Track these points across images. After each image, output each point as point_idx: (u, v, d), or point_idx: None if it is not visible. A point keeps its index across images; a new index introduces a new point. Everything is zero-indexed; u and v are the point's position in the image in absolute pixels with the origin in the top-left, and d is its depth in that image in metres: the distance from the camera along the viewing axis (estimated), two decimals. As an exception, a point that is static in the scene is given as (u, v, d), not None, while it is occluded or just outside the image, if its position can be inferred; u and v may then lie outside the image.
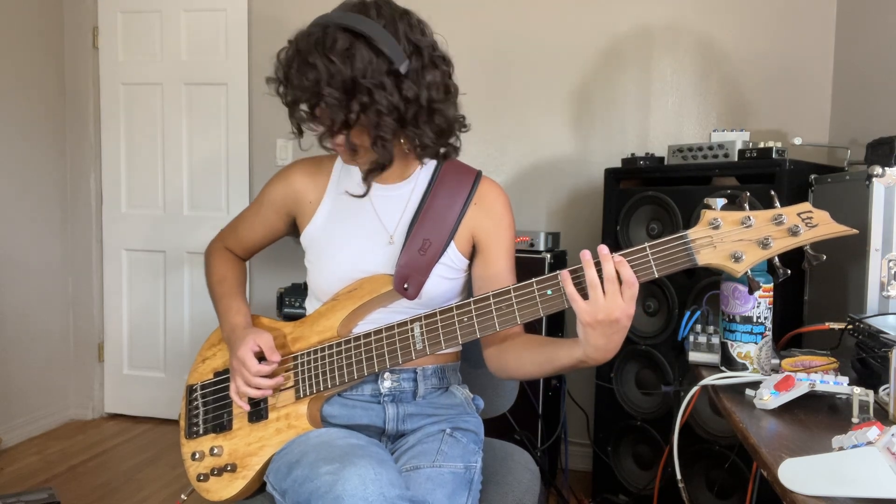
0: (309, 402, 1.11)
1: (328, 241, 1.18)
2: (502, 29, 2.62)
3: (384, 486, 0.88)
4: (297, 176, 1.23)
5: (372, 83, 0.99)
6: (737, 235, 0.89)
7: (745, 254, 0.88)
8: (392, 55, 0.99)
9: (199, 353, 1.28)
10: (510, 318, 0.99)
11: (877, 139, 1.54)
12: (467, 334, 1.01)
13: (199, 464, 1.15)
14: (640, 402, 2.10)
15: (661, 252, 0.91)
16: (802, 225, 0.86)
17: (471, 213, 1.17)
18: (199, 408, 1.21)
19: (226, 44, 2.87)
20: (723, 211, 0.90)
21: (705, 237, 0.90)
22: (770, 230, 0.88)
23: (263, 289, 2.91)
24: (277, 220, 1.27)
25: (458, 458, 1.08)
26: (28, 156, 2.79)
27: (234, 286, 1.27)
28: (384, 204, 1.18)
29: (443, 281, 1.15)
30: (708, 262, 0.90)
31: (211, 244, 1.36)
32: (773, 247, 0.87)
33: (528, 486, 1.19)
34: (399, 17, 1.03)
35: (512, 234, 1.20)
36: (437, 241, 1.13)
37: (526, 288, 0.98)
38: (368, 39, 0.99)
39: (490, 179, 1.21)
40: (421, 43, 1.04)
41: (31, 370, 2.83)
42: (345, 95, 0.99)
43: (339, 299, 1.14)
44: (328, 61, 0.97)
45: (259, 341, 1.11)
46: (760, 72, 2.42)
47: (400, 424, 1.15)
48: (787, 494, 0.69)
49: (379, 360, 1.07)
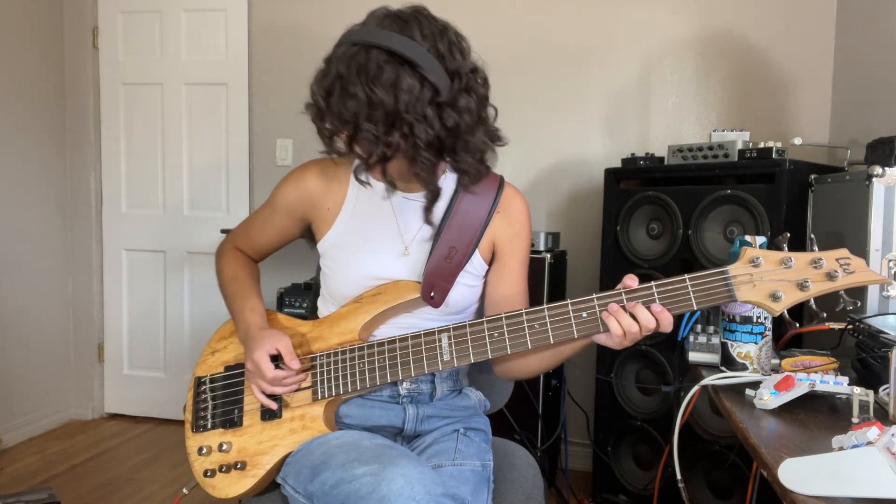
0: (325, 405, 1.10)
1: (349, 248, 1.16)
2: (502, 29, 2.62)
3: (429, 484, 0.88)
4: (313, 180, 1.18)
5: (414, 116, 0.95)
6: (777, 276, 0.91)
7: (784, 294, 0.90)
8: (438, 83, 0.95)
9: (209, 345, 1.24)
10: (543, 337, 0.99)
11: (877, 139, 1.54)
12: (497, 350, 1.01)
13: (205, 459, 1.13)
14: (640, 402, 2.10)
15: (702, 285, 0.93)
16: (840, 270, 0.89)
17: (494, 220, 1.16)
18: (208, 401, 1.18)
19: (226, 44, 2.86)
20: (763, 250, 0.93)
21: (745, 274, 0.92)
22: (809, 273, 0.90)
23: (263, 289, 2.89)
24: (291, 225, 1.24)
25: (475, 457, 1.09)
26: (28, 156, 2.79)
27: (248, 284, 1.24)
28: (405, 213, 1.16)
29: (466, 288, 1.15)
30: (747, 298, 0.92)
31: (221, 246, 1.33)
32: (812, 290, 0.90)
33: (533, 481, 1.20)
34: (440, 35, 0.98)
35: (529, 244, 1.20)
36: (462, 249, 1.12)
37: (560, 308, 0.98)
38: (414, 66, 0.94)
39: (512, 186, 1.20)
40: (462, 67, 1.00)
41: (31, 370, 2.83)
42: (385, 128, 0.94)
43: (362, 302, 1.13)
44: (370, 92, 0.92)
45: (278, 345, 1.07)
46: (760, 72, 2.42)
47: (418, 425, 1.15)
48: (787, 494, 0.69)
49: (403, 368, 1.06)
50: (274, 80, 2.84)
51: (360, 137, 0.96)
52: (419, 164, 0.99)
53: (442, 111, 0.97)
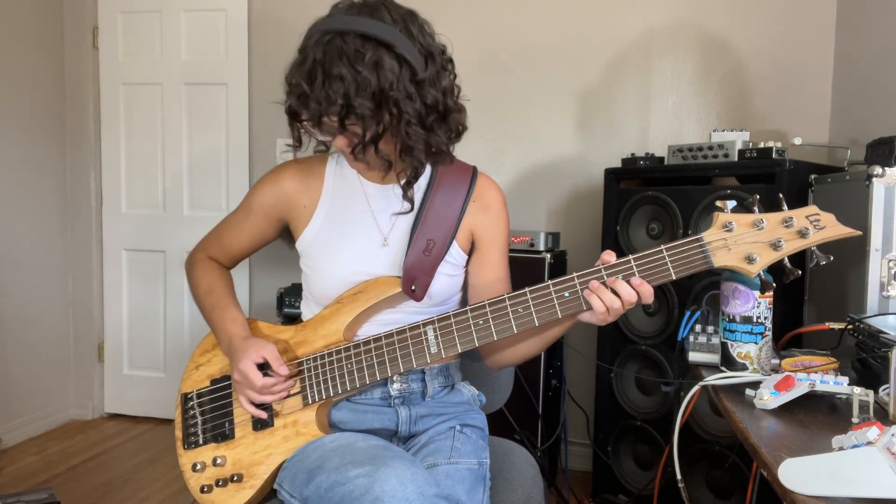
0: (317, 409, 1.09)
1: (327, 245, 1.16)
2: (503, 29, 2.61)
3: (422, 485, 0.88)
4: (288, 179, 1.19)
5: (399, 94, 0.97)
6: (751, 238, 0.91)
7: (759, 255, 0.91)
8: (415, 63, 0.98)
9: (192, 360, 1.23)
10: (527, 320, 0.99)
11: (877, 139, 1.54)
12: (484, 337, 1.01)
13: (200, 475, 1.11)
14: (640, 402, 2.10)
15: (678, 254, 0.94)
16: (811, 227, 0.89)
17: (470, 210, 1.17)
18: (197, 416, 1.17)
19: (226, 44, 2.86)
20: (734, 213, 0.93)
21: (720, 239, 0.93)
22: (781, 232, 0.90)
23: (263, 289, 2.91)
24: (268, 227, 1.23)
25: (471, 455, 1.09)
26: (28, 156, 2.79)
27: (224, 295, 1.22)
28: (380, 204, 1.16)
29: (447, 279, 1.15)
30: (723, 263, 0.92)
31: (191, 256, 1.30)
32: (785, 248, 0.90)
33: (533, 480, 1.20)
34: (409, 19, 1.01)
35: (507, 231, 1.21)
36: (440, 241, 1.13)
37: (543, 290, 0.99)
38: (390, 47, 0.96)
39: (486, 175, 1.21)
40: (433, 47, 1.03)
41: (31, 370, 2.83)
42: (375, 107, 0.96)
43: (343, 302, 1.12)
44: (356, 72, 0.93)
45: (263, 353, 1.07)
46: (760, 72, 2.42)
47: (412, 426, 1.15)
48: (787, 494, 0.69)
49: (392, 364, 1.06)
50: (274, 80, 2.83)
51: (354, 116, 0.96)
52: (411, 138, 1.01)
53: (421, 89, 1.00)
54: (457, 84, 1.09)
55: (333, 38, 0.95)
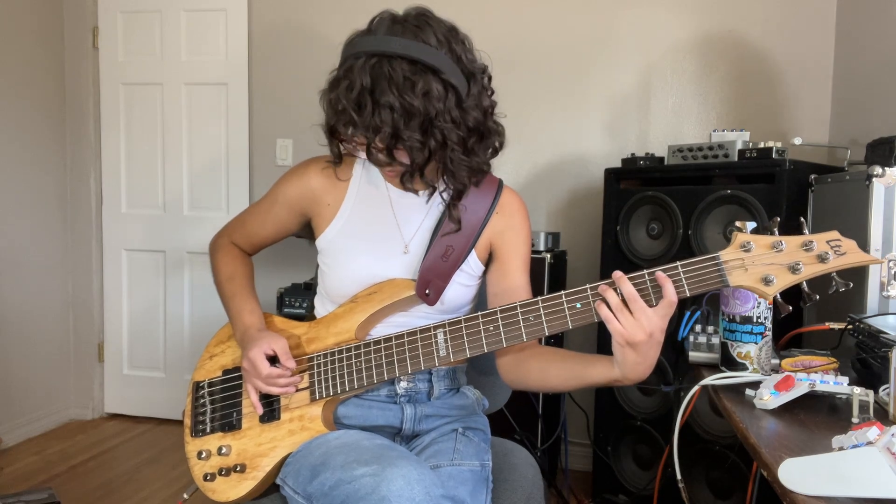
0: (324, 405, 1.10)
1: (347, 246, 1.16)
2: (502, 29, 2.62)
3: (428, 485, 0.88)
4: (315, 176, 1.19)
5: (446, 123, 0.97)
6: (768, 259, 0.91)
7: (776, 278, 0.90)
8: (459, 87, 0.99)
9: (207, 350, 1.25)
10: (538, 329, 0.99)
11: (877, 139, 1.54)
12: (493, 343, 1.01)
13: (205, 463, 1.13)
14: (640, 402, 2.10)
15: (694, 271, 0.93)
16: (832, 252, 0.88)
17: (493, 221, 1.17)
18: (207, 405, 1.19)
19: (226, 44, 2.86)
20: (754, 234, 0.92)
21: (737, 259, 0.92)
22: (800, 256, 0.90)
23: (263, 288, 2.88)
24: (290, 219, 1.24)
25: (474, 457, 1.09)
26: (28, 156, 2.79)
27: (245, 284, 1.24)
28: (404, 212, 1.17)
29: (461, 287, 1.16)
30: (739, 283, 0.91)
31: (216, 239, 1.32)
32: (803, 272, 0.89)
33: (533, 480, 1.20)
34: (453, 38, 1.00)
35: (529, 243, 1.20)
36: (459, 248, 1.13)
37: (555, 300, 0.98)
38: (437, 72, 0.96)
39: (511, 189, 1.22)
40: (475, 66, 1.04)
41: (31, 370, 2.83)
42: (421, 135, 0.97)
43: (357, 301, 1.13)
44: (405, 101, 0.94)
45: (274, 345, 1.09)
46: (760, 72, 2.42)
47: (416, 425, 1.15)
48: (787, 494, 0.69)
49: (400, 365, 1.06)
50: (274, 80, 2.84)
51: (402, 146, 0.97)
52: (454, 164, 1.02)
53: (465, 113, 1.00)
54: (494, 100, 1.09)
55: (381, 63, 0.94)
